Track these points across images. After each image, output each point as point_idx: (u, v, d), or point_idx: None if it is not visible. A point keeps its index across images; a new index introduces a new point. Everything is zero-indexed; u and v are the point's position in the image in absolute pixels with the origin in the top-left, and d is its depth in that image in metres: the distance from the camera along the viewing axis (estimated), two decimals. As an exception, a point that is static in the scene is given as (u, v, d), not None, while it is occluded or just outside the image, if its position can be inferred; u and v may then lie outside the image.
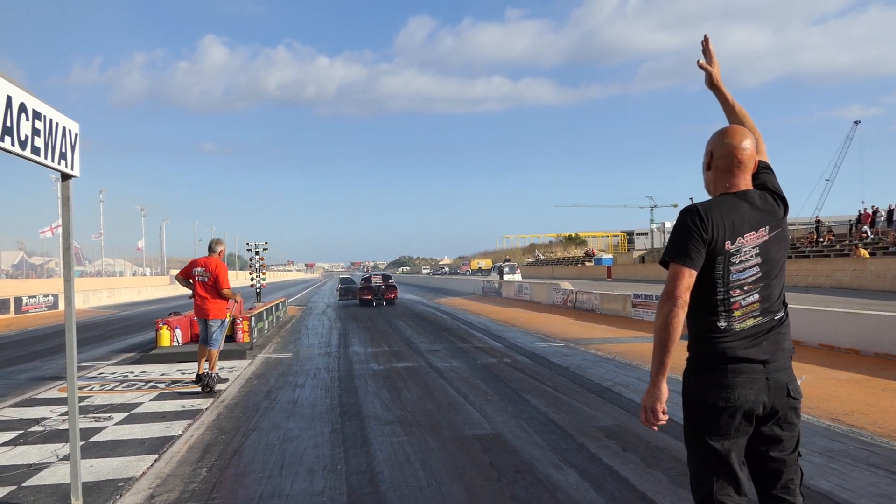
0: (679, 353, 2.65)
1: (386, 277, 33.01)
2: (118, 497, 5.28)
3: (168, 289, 59.68)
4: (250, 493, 5.29)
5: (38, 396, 9.75)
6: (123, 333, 20.42)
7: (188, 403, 8.91)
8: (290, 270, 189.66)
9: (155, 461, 6.24)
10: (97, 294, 40.99)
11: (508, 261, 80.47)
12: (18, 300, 30.82)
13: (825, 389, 8.66)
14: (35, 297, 32.93)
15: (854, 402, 7.91)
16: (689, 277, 2.66)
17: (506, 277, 51.91)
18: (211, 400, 9.10)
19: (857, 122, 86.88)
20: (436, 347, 14.31)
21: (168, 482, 5.61)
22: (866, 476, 5.27)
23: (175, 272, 65.89)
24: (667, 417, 2.70)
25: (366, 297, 30.97)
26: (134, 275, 67.28)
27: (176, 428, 7.54)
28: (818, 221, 44.31)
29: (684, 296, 2.65)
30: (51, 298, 34.00)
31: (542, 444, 6.43)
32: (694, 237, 2.67)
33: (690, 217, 2.72)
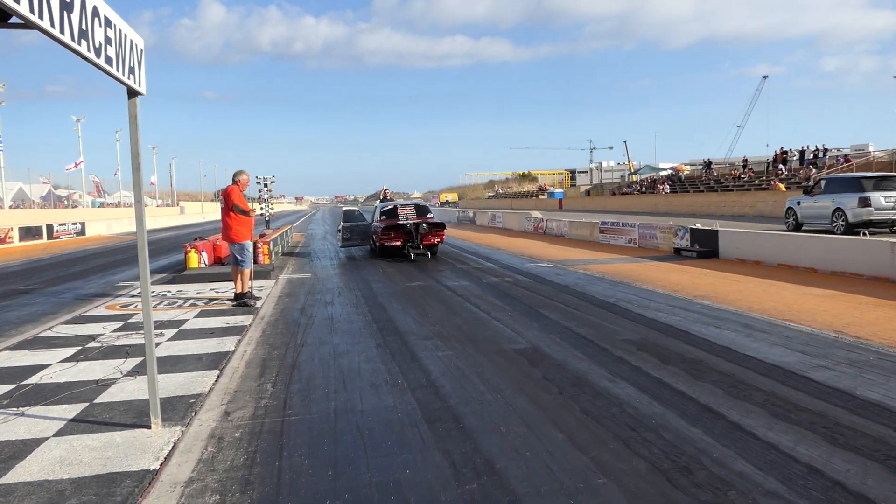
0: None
1: (422, 210, 16.60)
2: (193, 414, 4.55)
3: (179, 217, 58.08)
4: (323, 409, 4.59)
5: (87, 314, 8.89)
6: (150, 256, 19.29)
7: (231, 320, 8.14)
8: (282, 203, 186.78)
9: (218, 377, 5.51)
10: (119, 222, 39.41)
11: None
12: (50, 227, 29.34)
13: (808, 304, 8.18)
14: (64, 224, 31.39)
15: (843, 315, 7.43)
16: None
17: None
18: (252, 316, 8.34)
19: (765, 77, 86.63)
20: (439, 268, 13.58)
21: (238, 398, 4.90)
22: (904, 387, 4.74)
23: (184, 203, 64.44)
24: None
25: (392, 244, 15.45)
26: (147, 206, 65.09)
27: (227, 344, 6.79)
28: (745, 160, 44.07)
29: None
30: (78, 226, 32.50)
31: (583, 358, 5.81)
32: None
33: None
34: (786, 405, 4.37)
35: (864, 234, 11.62)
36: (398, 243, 15.42)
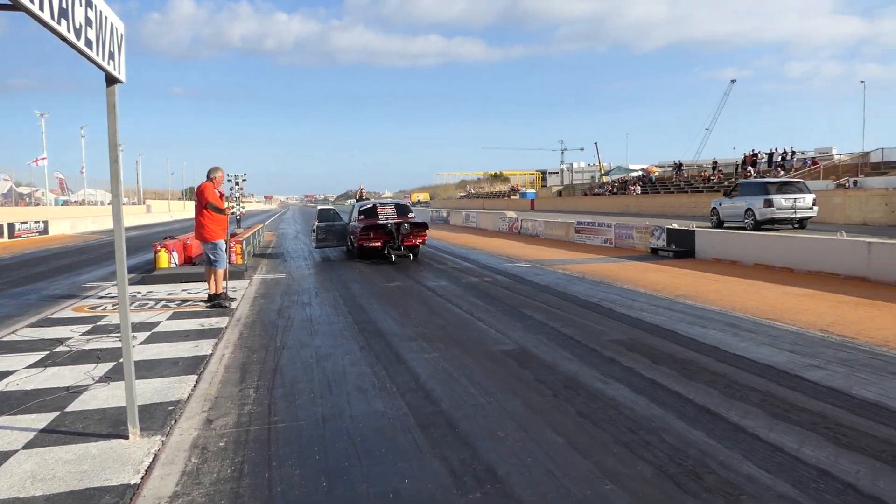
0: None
1: (402, 209, 15.81)
2: (173, 422, 4.32)
3: (146, 216, 56.80)
4: (311, 415, 4.41)
5: (54, 316, 8.53)
6: (117, 256, 18.76)
7: (206, 322, 7.87)
8: (251, 201, 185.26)
9: (197, 382, 5.28)
10: (84, 221, 38.31)
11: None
12: (11, 226, 28.32)
13: (790, 303, 8.22)
14: (27, 222, 30.36)
15: (826, 314, 7.46)
16: None
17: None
18: (227, 318, 8.08)
19: (733, 81, 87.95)
20: (417, 268, 13.38)
21: (220, 405, 4.68)
22: (897, 385, 4.72)
23: (151, 202, 62.80)
24: None
25: (372, 245, 14.51)
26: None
27: (204, 347, 6.54)
28: (715, 162, 44.80)
29: None
30: (41, 224, 31.47)
31: (573, 359, 5.71)
32: None
33: None
34: (784, 405, 4.32)
35: (842, 233, 11.76)
36: (378, 244, 14.48)
